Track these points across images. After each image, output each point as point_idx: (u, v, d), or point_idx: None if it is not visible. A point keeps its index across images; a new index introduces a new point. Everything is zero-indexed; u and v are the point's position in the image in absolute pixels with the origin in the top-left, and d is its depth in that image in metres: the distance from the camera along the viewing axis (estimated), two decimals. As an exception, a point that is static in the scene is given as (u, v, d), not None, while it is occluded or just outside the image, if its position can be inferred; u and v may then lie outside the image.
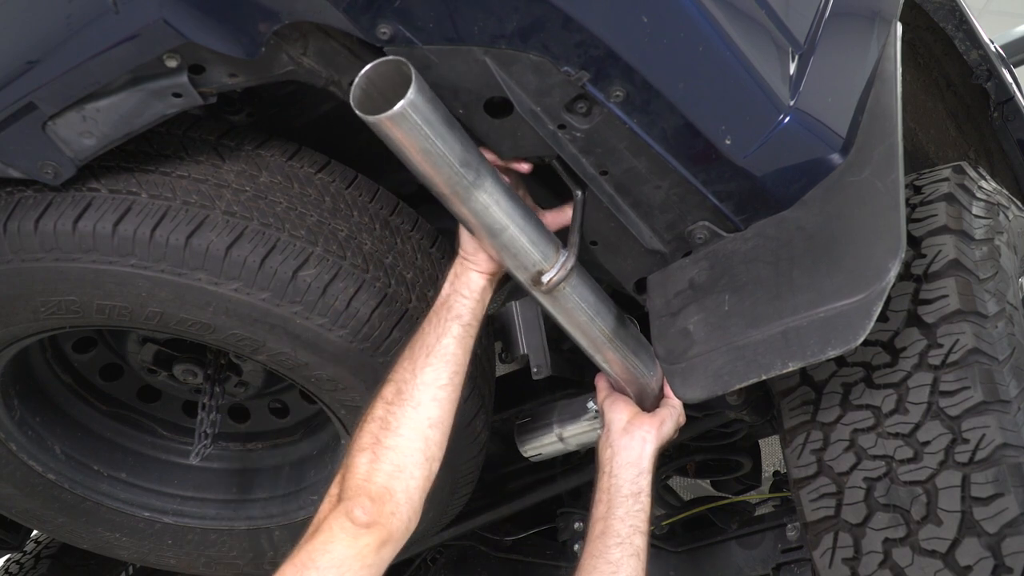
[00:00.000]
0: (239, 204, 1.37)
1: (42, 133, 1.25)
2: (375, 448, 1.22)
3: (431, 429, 1.26)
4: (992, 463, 1.20)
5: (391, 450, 1.22)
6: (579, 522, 2.17)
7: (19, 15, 1.24)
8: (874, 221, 1.23)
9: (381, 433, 1.23)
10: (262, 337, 1.43)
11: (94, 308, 1.42)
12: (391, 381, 1.28)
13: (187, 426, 1.89)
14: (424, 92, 1.12)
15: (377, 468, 1.21)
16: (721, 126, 1.23)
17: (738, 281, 1.28)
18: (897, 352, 1.31)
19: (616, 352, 1.41)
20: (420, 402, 1.25)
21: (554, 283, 1.28)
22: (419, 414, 1.25)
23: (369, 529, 1.17)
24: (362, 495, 1.18)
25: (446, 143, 1.15)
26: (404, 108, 1.09)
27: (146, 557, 1.95)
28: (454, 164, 1.17)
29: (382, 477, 1.20)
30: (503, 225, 1.24)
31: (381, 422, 1.24)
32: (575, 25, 1.11)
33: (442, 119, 1.15)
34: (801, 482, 1.35)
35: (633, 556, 1.36)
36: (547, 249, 1.28)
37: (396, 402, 1.25)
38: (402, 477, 1.21)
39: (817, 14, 1.36)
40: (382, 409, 1.25)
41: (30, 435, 1.76)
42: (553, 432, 1.72)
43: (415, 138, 1.13)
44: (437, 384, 1.27)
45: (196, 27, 1.13)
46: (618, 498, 1.40)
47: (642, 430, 1.43)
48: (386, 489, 1.20)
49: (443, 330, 1.30)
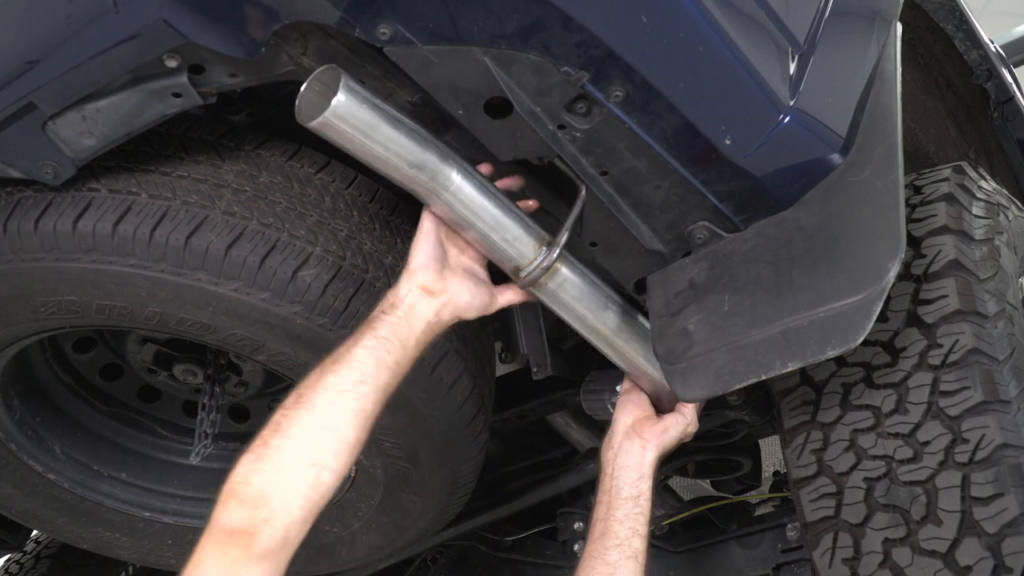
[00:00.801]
0: (239, 204, 1.38)
1: (42, 133, 1.25)
2: (259, 449, 1.13)
3: (323, 432, 1.15)
4: (992, 463, 1.20)
5: (274, 450, 1.13)
6: (579, 522, 2.17)
7: (19, 15, 1.24)
8: (874, 221, 1.23)
9: (270, 435, 1.14)
10: (262, 337, 1.43)
11: (94, 308, 1.42)
12: (295, 389, 1.20)
13: (187, 426, 1.89)
14: (356, 97, 1.15)
15: (256, 469, 1.11)
16: (721, 126, 1.23)
17: (738, 281, 1.28)
18: (897, 352, 1.31)
19: (621, 348, 1.42)
20: (315, 404, 1.16)
21: (530, 279, 1.31)
22: (312, 415, 1.15)
23: (234, 538, 1.06)
24: (232, 498, 1.09)
25: (392, 145, 1.19)
26: (327, 117, 1.14)
27: (146, 557, 1.95)
28: (402, 167, 1.20)
29: (260, 479, 1.10)
30: (469, 222, 1.27)
31: (273, 426, 1.15)
32: (575, 25, 1.11)
33: (387, 122, 1.18)
34: (801, 482, 1.35)
35: (631, 559, 1.36)
36: (523, 246, 1.29)
37: (292, 406, 1.17)
38: (281, 481, 1.11)
39: (817, 14, 1.35)
40: (279, 414, 1.17)
41: (30, 435, 1.76)
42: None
43: (352, 144, 1.18)
44: (336, 388, 1.18)
45: (196, 27, 1.13)
46: (618, 500, 1.40)
47: (643, 436, 1.44)
48: (261, 494, 1.09)
49: (355, 340, 1.23)
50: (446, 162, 1.23)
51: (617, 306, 1.40)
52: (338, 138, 1.18)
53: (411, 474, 1.64)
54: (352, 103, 1.15)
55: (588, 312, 1.37)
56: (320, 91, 1.17)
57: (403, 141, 1.20)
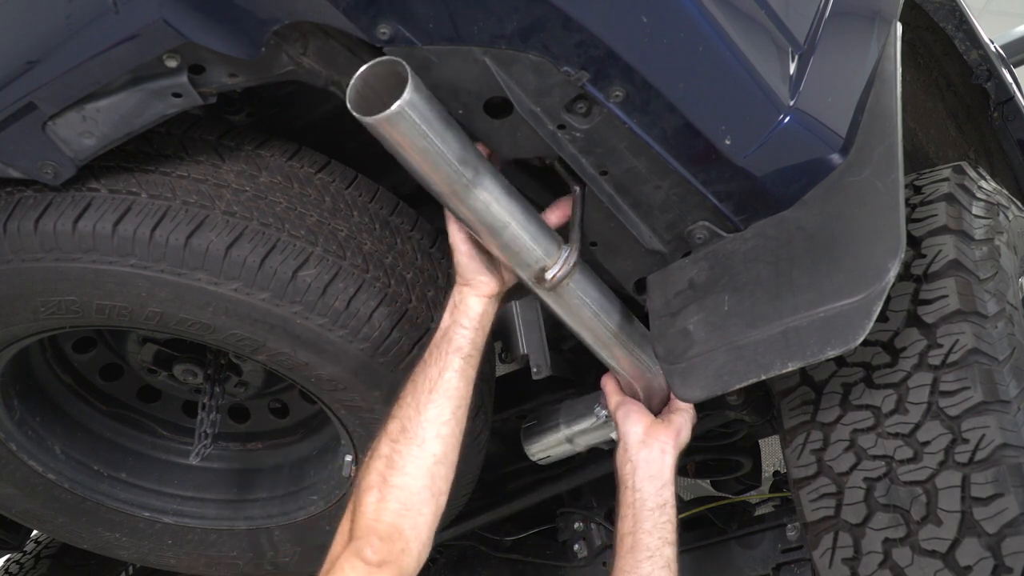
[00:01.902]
0: (239, 204, 1.37)
1: (42, 133, 1.25)
2: (381, 487, 1.24)
3: (437, 466, 1.27)
4: (992, 463, 1.20)
5: (398, 488, 1.24)
6: (579, 522, 2.17)
7: (19, 15, 1.24)
8: (874, 221, 1.23)
9: (387, 471, 1.25)
10: (262, 337, 1.43)
11: (94, 308, 1.42)
12: (395, 418, 1.29)
13: (187, 426, 1.89)
14: (421, 91, 1.12)
15: (385, 507, 1.22)
16: (721, 126, 1.23)
17: (738, 281, 1.28)
18: (897, 352, 1.31)
19: (623, 348, 1.41)
20: (424, 439, 1.27)
21: (557, 279, 1.28)
22: (424, 451, 1.27)
23: (380, 568, 1.19)
24: (372, 535, 1.20)
25: (444, 142, 1.15)
26: (401, 108, 1.09)
27: (146, 557, 1.95)
28: (452, 162, 1.16)
29: (390, 516, 1.22)
30: (504, 222, 1.23)
31: (387, 460, 1.26)
32: (575, 25, 1.11)
33: (439, 117, 1.15)
34: (801, 482, 1.35)
35: (664, 568, 1.36)
36: (549, 246, 1.27)
37: (401, 440, 1.27)
38: (410, 515, 1.23)
39: (817, 14, 1.35)
40: (387, 447, 1.27)
41: (30, 435, 1.76)
42: (561, 433, 1.72)
43: (413, 138, 1.13)
44: (440, 420, 1.28)
45: (196, 27, 1.13)
46: (644, 512, 1.39)
47: (660, 441, 1.43)
48: (395, 527, 1.22)
49: (444, 364, 1.30)
50: (482, 159, 1.21)
51: (620, 305, 1.40)
52: (397, 133, 1.13)
53: (411, 474, 1.64)
54: (420, 97, 1.11)
55: (598, 312, 1.36)
56: (376, 84, 1.13)
57: (456, 136, 1.17)
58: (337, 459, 1.75)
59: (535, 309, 1.64)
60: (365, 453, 1.62)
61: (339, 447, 1.73)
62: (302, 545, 1.88)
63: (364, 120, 1.11)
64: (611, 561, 1.42)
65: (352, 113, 1.12)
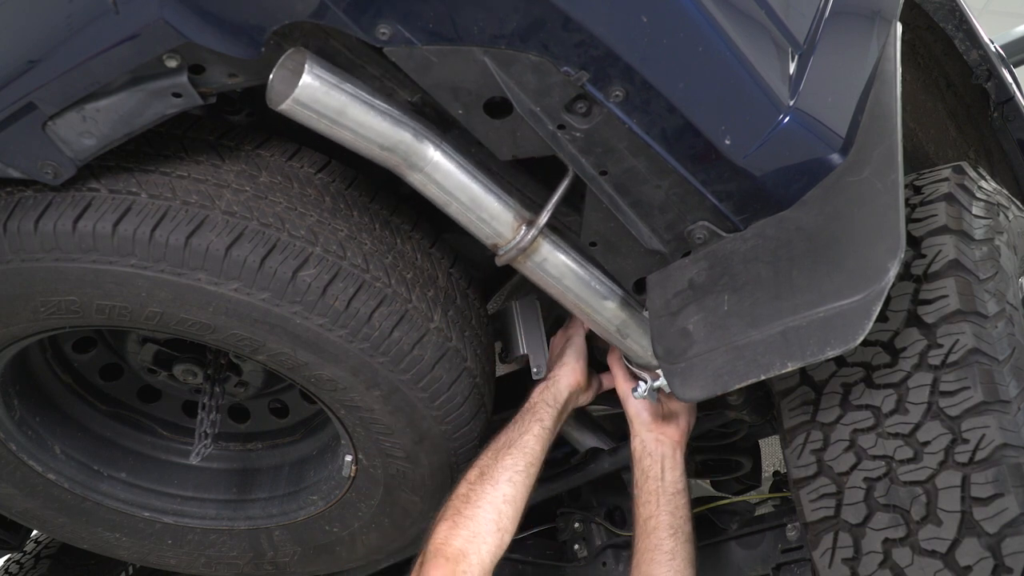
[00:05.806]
0: (239, 204, 1.37)
1: (42, 133, 1.25)
2: (455, 518, 1.43)
3: (505, 504, 1.46)
4: (992, 463, 1.20)
5: (469, 519, 1.42)
6: (579, 522, 2.17)
7: (19, 15, 1.24)
8: (874, 221, 1.23)
9: (462, 506, 1.44)
10: (262, 337, 1.43)
11: (94, 308, 1.42)
12: (475, 466, 1.50)
13: (187, 426, 1.89)
14: (321, 81, 1.15)
15: (455, 534, 1.40)
16: (721, 126, 1.23)
17: (738, 281, 1.28)
18: (897, 352, 1.31)
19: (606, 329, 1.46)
20: (498, 481, 1.47)
21: (507, 258, 1.34)
22: (496, 491, 1.46)
23: None
24: (439, 556, 1.38)
25: (361, 128, 1.20)
26: (291, 102, 1.15)
27: (146, 557, 1.95)
28: (373, 149, 1.22)
29: (459, 541, 1.39)
30: (444, 201, 1.30)
31: (463, 498, 1.46)
32: (575, 25, 1.11)
33: (355, 104, 1.18)
34: (801, 482, 1.35)
35: (687, 542, 1.55)
36: (501, 225, 1.32)
37: (478, 482, 1.47)
38: (476, 542, 1.40)
39: (817, 14, 1.35)
40: (465, 487, 1.47)
41: (30, 435, 1.76)
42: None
43: (320, 127, 1.19)
44: (514, 469, 1.49)
45: (196, 27, 1.13)
46: (665, 498, 1.58)
47: (673, 439, 1.62)
48: (461, 551, 1.38)
49: (525, 428, 1.54)
50: (421, 141, 1.24)
51: (603, 285, 1.44)
52: (306, 121, 1.19)
53: (411, 474, 1.64)
54: (317, 87, 1.16)
55: (569, 289, 1.41)
56: (288, 75, 1.18)
57: (373, 123, 1.21)
58: (337, 459, 1.75)
59: (535, 309, 1.65)
60: (365, 453, 1.63)
61: (339, 447, 1.73)
62: (302, 545, 1.88)
63: (275, 109, 1.18)
64: (612, 561, 1.49)
65: (267, 103, 1.18)
